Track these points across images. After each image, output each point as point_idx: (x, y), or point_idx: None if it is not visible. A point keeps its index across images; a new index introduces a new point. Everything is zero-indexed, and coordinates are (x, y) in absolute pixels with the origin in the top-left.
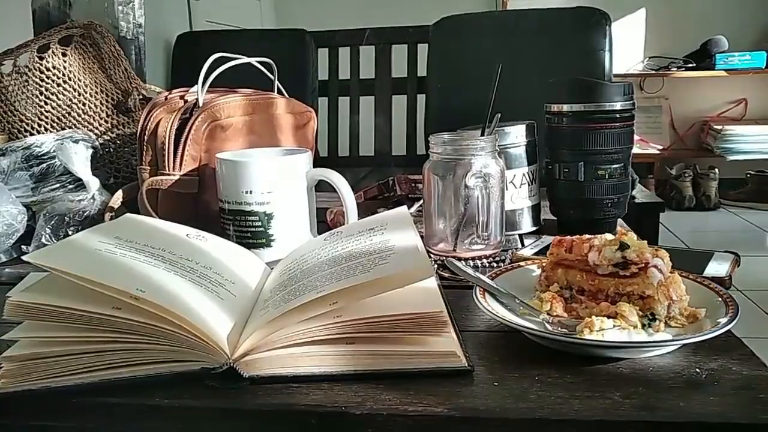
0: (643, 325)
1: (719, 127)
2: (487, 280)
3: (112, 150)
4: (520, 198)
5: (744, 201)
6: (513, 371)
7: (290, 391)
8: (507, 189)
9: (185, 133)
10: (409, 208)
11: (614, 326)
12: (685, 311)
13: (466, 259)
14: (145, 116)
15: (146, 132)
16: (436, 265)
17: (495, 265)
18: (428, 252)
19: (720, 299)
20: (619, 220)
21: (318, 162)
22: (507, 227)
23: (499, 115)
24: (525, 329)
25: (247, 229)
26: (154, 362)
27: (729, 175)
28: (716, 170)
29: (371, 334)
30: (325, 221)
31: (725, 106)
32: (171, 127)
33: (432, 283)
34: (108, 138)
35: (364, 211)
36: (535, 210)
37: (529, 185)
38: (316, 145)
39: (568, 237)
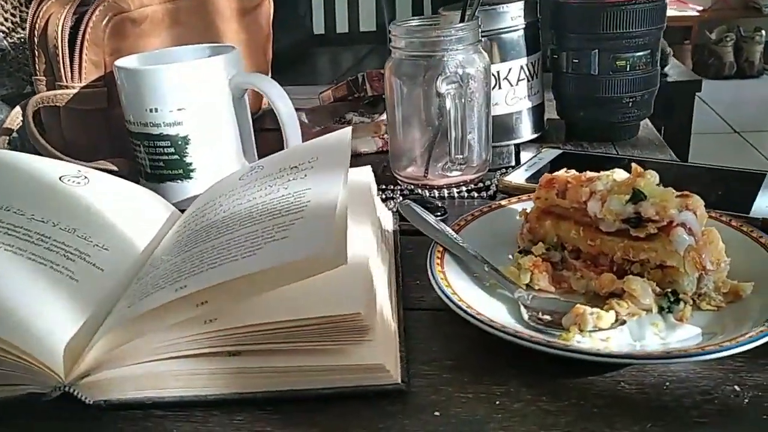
0: (662, 309)
1: None
2: (449, 233)
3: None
4: (517, 98)
5: None
6: (467, 386)
7: (151, 422)
8: (500, 87)
9: (80, 32)
10: (381, 114)
11: (617, 319)
12: (723, 285)
13: (439, 188)
14: (34, 10)
15: (35, 32)
16: (400, 199)
17: (476, 195)
18: (395, 178)
19: None
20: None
21: (312, 42)
22: (501, 135)
23: None
24: (482, 323)
25: (158, 158)
26: None
27: None
28: (762, 32)
29: (260, 345)
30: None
31: None
32: (63, 24)
33: (360, 254)
34: (20, 36)
35: (331, 116)
36: (537, 112)
37: (528, 81)
38: (274, 32)
39: (562, 173)
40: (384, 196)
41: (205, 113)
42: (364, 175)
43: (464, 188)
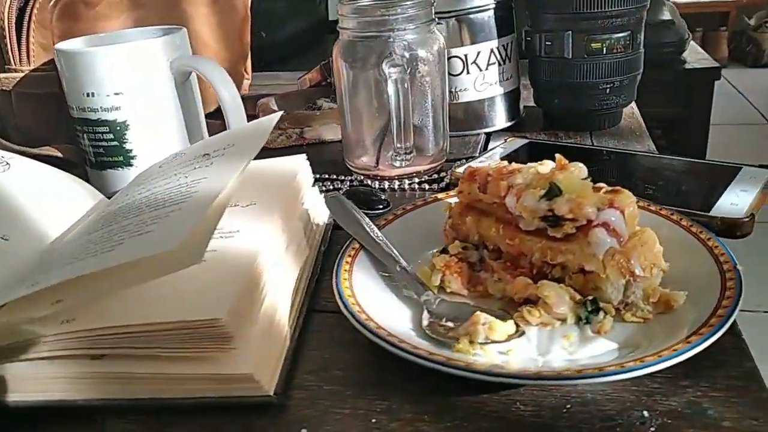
0: (579, 319)
1: None
2: (370, 229)
3: None
4: (487, 84)
5: None
6: (347, 400)
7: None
8: (468, 72)
9: (27, 15)
10: None
11: (516, 330)
12: (653, 294)
13: (390, 179)
14: None
15: None
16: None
17: (427, 187)
18: (349, 168)
19: (718, 271)
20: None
21: (326, 28)
22: (471, 123)
23: None
24: (368, 329)
25: (99, 144)
26: None
27: None
28: None
29: (121, 349)
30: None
31: None
32: (10, 6)
33: (247, 253)
34: None
35: (304, 101)
36: (511, 98)
37: (500, 65)
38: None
39: (484, 166)
40: (332, 187)
41: (145, 98)
42: (296, 164)
43: (417, 180)
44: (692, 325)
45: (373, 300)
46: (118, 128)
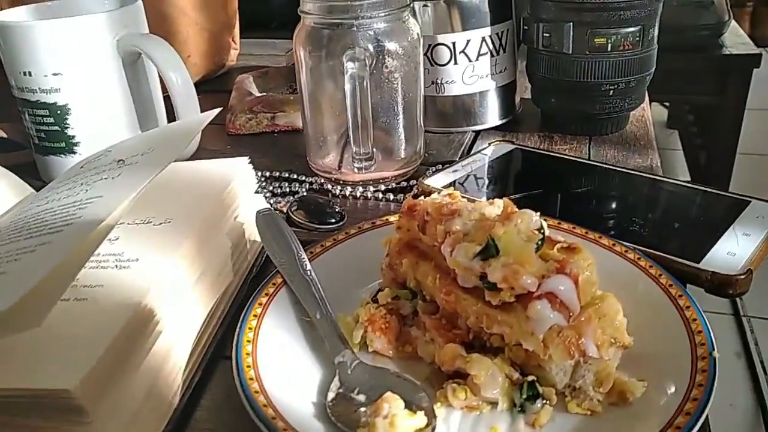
0: (514, 405)
1: None
2: (299, 258)
3: None
4: (477, 77)
5: None
6: None
7: None
8: (456, 63)
9: None
10: None
11: (427, 424)
12: (606, 380)
13: (354, 184)
14: None
15: None
16: (297, 196)
17: (392, 198)
18: (311, 169)
19: (690, 353)
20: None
21: None
22: (458, 120)
23: None
24: (254, 413)
25: (39, 128)
26: None
27: None
28: None
29: None
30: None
31: None
32: None
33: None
34: None
35: (286, 80)
36: (505, 93)
37: (493, 56)
38: None
39: (427, 199)
40: (288, 190)
41: (88, 80)
42: (233, 169)
43: (383, 187)
44: (650, 424)
45: (283, 359)
46: (59, 112)
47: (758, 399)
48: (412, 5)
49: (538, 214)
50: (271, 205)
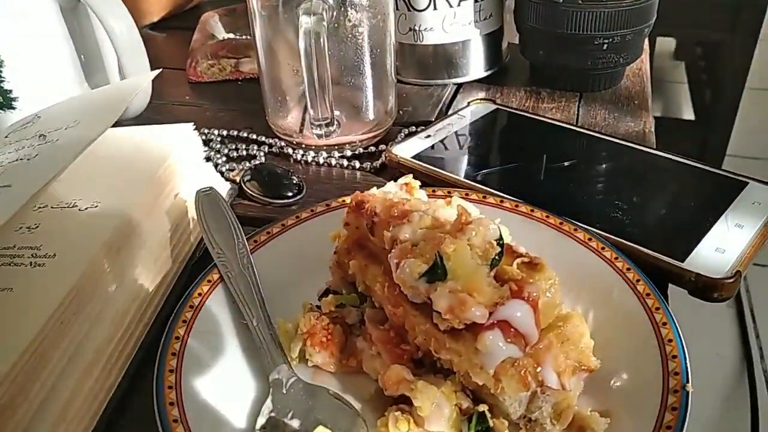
0: None
1: None
2: (239, 249)
3: None
4: (458, 24)
5: None
6: None
7: None
8: (435, 8)
9: None
10: None
11: None
12: (565, 412)
13: (317, 149)
14: None
15: None
16: (247, 168)
17: (358, 165)
18: (273, 131)
19: (661, 382)
20: None
21: None
22: (438, 71)
23: None
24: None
25: None
26: None
27: None
28: None
29: None
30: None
31: None
32: None
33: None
34: None
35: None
36: (489, 42)
37: (477, 1)
38: None
39: (377, 195)
40: (245, 153)
41: (21, 29)
42: (174, 139)
43: (350, 152)
44: None
45: (213, 374)
46: None
47: (745, 351)
48: None
49: (498, 221)
50: (223, 173)
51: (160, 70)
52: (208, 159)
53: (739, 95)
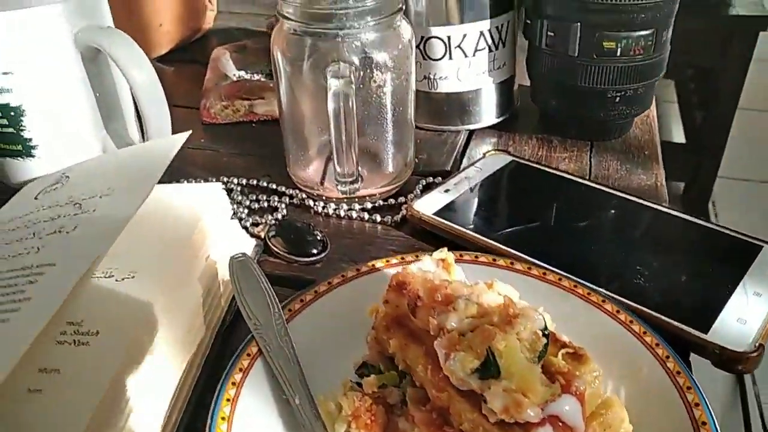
0: None
1: None
2: (274, 321)
3: None
4: (472, 73)
5: None
6: None
7: None
8: (451, 58)
9: None
10: None
11: None
12: None
13: (338, 201)
14: None
15: None
16: (273, 223)
17: (379, 219)
18: (293, 181)
19: None
20: None
21: None
22: (450, 118)
23: None
24: None
25: None
26: None
27: None
28: None
29: None
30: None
31: None
32: None
33: None
34: None
35: (263, 56)
36: (502, 90)
37: (491, 51)
38: None
39: (418, 275)
40: (266, 205)
41: (43, 79)
42: (203, 200)
43: (370, 204)
44: None
45: None
46: (12, 114)
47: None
48: (403, 7)
49: (541, 309)
50: (247, 228)
51: (190, 132)
52: (233, 214)
53: (730, 121)
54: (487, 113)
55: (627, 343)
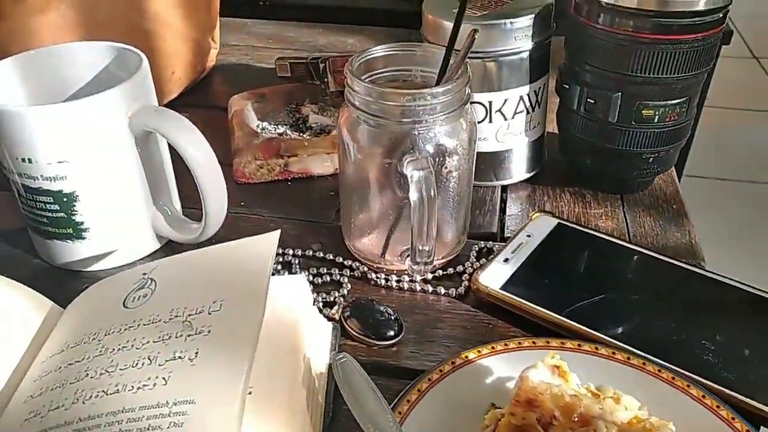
0: None
1: None
2: (387, 422)
3: None
4: (510, 135)
5: None
6: None
7: None
8: (491, 121)
9: None
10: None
11: None
12: None
13: (399, 274)
14: None
15: None
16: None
17: (443, 291)
18: (351, 252)
19: None
20: None
21: None
22: (484, 174)
23: (476, 33)
24: None
25: (41, 213)
26: None
27: None
28: None
29: None
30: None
31: None
32: None
33: None
34: None
35: (285, 101)
36: (534, 147)
37: (528, 113)
38: None
39: (546, 394)
40: (329, 279)
41: (98, 164)
42: (293, 300)
43: (430, 275)
44: None
45: None
46: (65, 200)
47: None
48: (471, 94)
49: (671, 424)
50: (320, 309)
51: (279, 231)
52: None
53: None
54: (518, 170)
55: (715, 428)
